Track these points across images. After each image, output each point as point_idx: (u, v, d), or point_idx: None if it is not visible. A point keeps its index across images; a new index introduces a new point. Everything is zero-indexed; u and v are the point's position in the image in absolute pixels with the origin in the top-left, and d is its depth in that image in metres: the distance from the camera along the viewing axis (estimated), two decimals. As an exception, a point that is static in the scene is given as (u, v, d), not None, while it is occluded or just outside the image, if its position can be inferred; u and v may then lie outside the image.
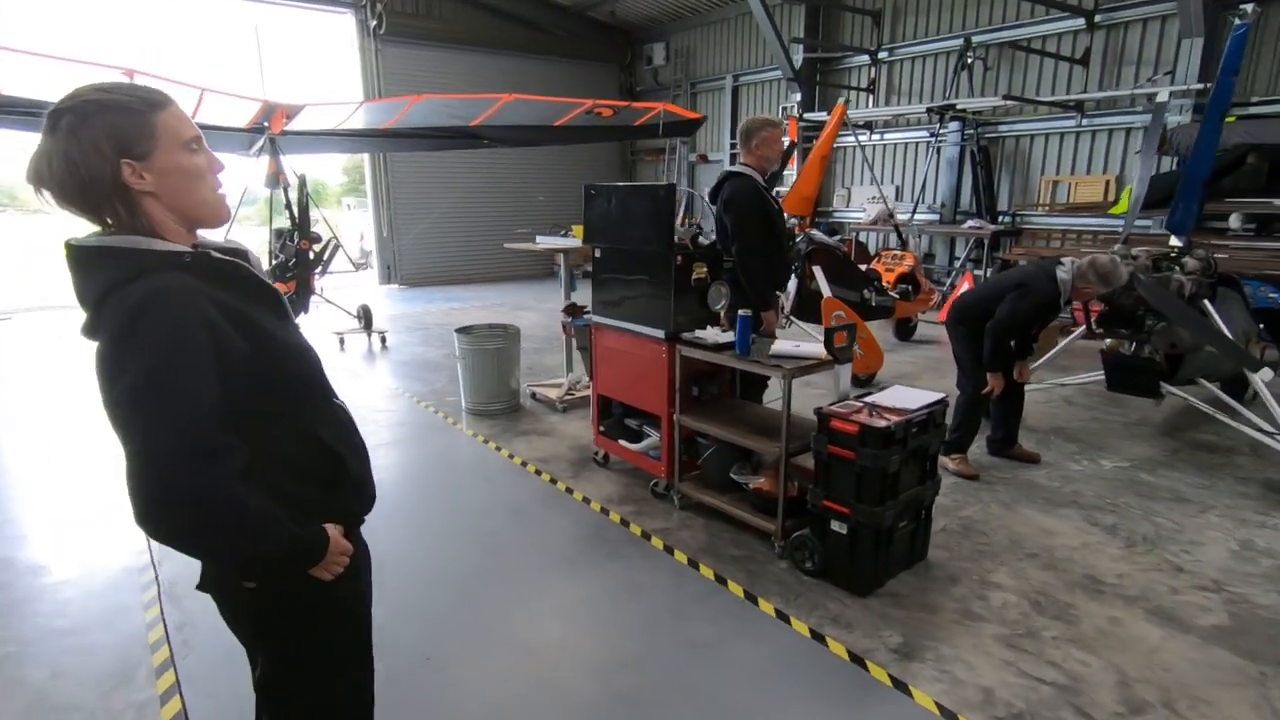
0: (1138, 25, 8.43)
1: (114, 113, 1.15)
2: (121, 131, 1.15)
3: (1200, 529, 3.71)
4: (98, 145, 1.13)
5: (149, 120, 1.18)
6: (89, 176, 1.14)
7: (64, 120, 1.13)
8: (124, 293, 1.13)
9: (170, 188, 1.20)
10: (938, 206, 10.42)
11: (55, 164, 1.13)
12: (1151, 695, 2.49)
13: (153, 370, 1.09)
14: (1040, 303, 4.05)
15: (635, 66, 15.43)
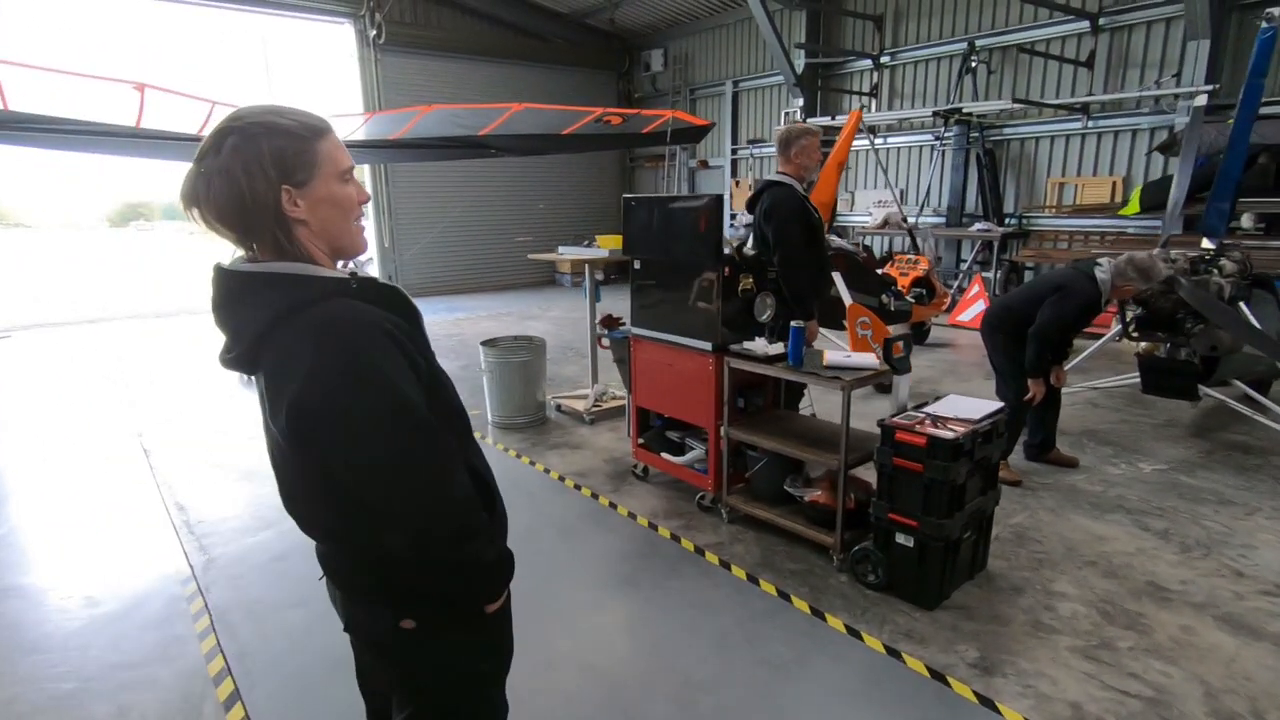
0: (1142, 27, 8.51)
1: (279, 137, 1.13)
2: (285, 156, 1.13)
3: (1251, 532, 3.71)
4: (263, 168, 1.12)
5: (311, 147, 1.16)
6: (252, 200, 1.12)
7: (229, 140, 1.11)
8: (303, 321, 1.11)
9: (321, 217, 1.19)
10: (943, 209, 10.46)
11: (216, 184, 1.11)
12: (1240, 706, 2.47)
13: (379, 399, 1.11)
14: (1083, 304, 4.05)
15: (634, 73, 15.43)
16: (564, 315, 11.00)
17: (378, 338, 1.13)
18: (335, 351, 1.09)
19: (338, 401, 1.09)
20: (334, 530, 1.28)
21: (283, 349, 1.12)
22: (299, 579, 3.40)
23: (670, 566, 3.48)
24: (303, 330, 1.10)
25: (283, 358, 1.12)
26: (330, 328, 1.10)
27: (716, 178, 14.33)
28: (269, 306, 1.12)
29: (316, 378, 1.08)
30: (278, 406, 1.13)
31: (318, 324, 1.11)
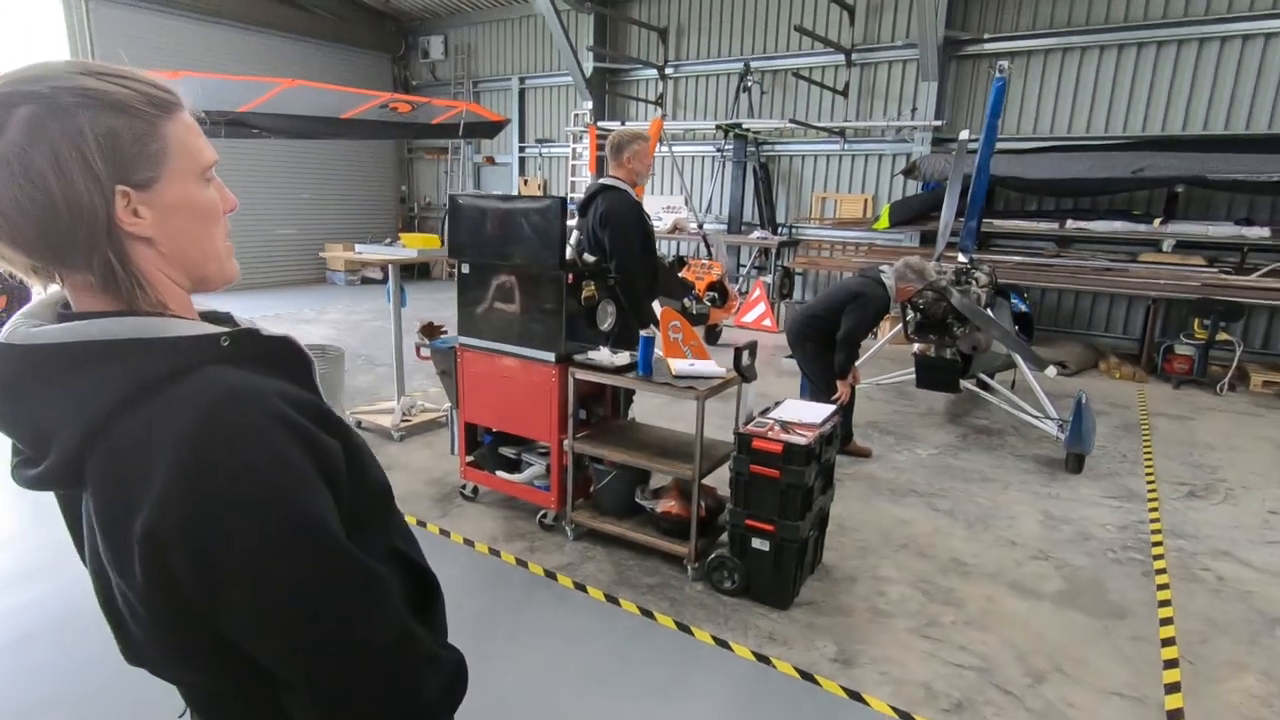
0: (885, 65, 9.77)
1: (109, 113, 0.73)
2: (120, 143, 0.74)
3: (1010, 505, 4.37)
4: (86, 158, 0.72)
5: (158, 130, 0.77)
6: (68, 206, 0.72)
7: (23, 112, 0.70)
8: (155, 409, 0.73)
9: (175, 233, 0.80)
10: (724, 217, 11.17)
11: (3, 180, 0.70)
12: (1044, 663, 2.86)
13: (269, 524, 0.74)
14: (880, 308, 4.52)
15: (411, 59, 14.49)
16: (343, 318, 9.99)
17: (266, 430, 0.75)
18: (203, 461, 0.72)
19: (209, 532, 0.72)
20: (214, 688, 0.90)
21: (121, 453, 0.73)
22: (44, 670, 2.62)
23: (523, 595, 3.24)
24: (154, 425, 0.73)
25: (124, 468, 0.73)
26: (196, 424, 0.73)
27: (503, 175, 13.97)
28: (98, 393, 0.73)
29: (176, 501, 0.71)
30: (118, 539, 0.75)
31: (176, 417, 0.73)
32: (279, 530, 0.74)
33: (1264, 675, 2.82)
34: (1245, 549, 3.87)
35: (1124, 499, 4.48)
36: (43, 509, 3.95)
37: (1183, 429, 5.99)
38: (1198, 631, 3.10)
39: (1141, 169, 7.36)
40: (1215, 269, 7.58)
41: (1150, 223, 7.86)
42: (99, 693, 2.52)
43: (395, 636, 0.85)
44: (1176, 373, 7.44)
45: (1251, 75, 7.70)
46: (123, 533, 0.74)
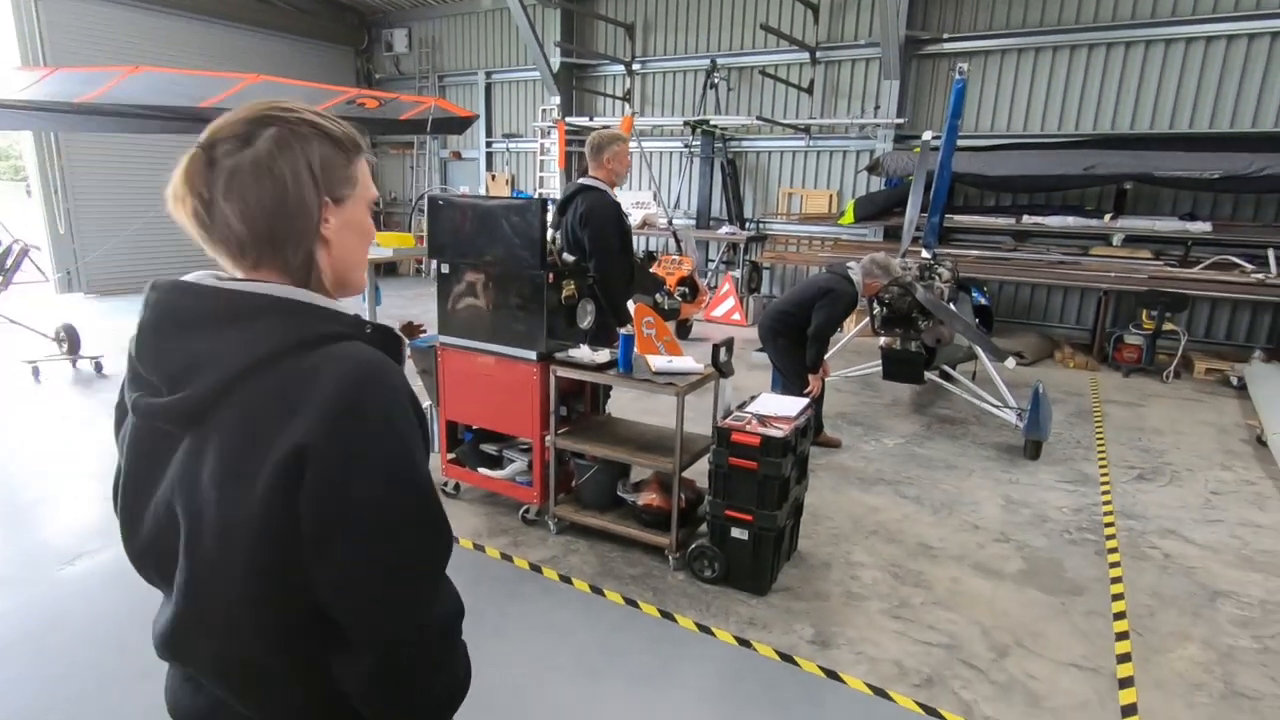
0: (849, 64, 9.97)
1: (327, 143, 0.96)
2: (331, 166, 0.96)
3: (973, 491, 4.57)
4: (312, 173, 0.94)
5: (353, 163, 1.00)
6: (296, 206, 0.93)
7: (271, 131, 0.92)
8: (315, 359, 0.88)
9: (344, 243, 1.01)
10: (693, 213, 11.29)
11: (249, 180, 0.90)
12: (1007, 639, 3.04)
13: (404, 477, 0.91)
14: (849, 303, 4.67)
15: (374, 52, 14.29)
16: (310, 316, 9.84)
17: (403, 397, 0.92)
18: (359, 399, 0.87)
19: (353, 455, 0.85)
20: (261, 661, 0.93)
21: (270, 390, 0.87)
22: (29, 680, 2.62)
23: (509, 590, 3.31)
24: (319, 368, 0.87)
25: (278, 400, 0.86)
26: (356, 372, 0.88)
27: (470, 170, 13.89)
28: (267, 337, 0.88)
29: (332, 421, 0.85)
30: (246, 467, 0.85)
31: (338, 361, 0.88)
32: (404, 478, 0.90)
33: (1206, 644, 3.03)
34: (1189, 528, 4.12)
35: (1078, 483, 4.72)
36: (6, 520, 3.91)
37: (1132, 415, 6.29)
38: (1146, 605, 3.31)
39: (1093, 166, 7.66)
40: (1161, 262, 7.94)
41: (1101, 218, 8.20)
42: (89, 700, 2.53)
43: (454, 613, 0.98)
44: (1126, 361, 7.78)
45: (1194, 77, 8.06)
46: (255, 460, 0.85)
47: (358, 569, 0.88)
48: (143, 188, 11.20)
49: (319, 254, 0.97)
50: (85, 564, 3.42)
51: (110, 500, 1.04)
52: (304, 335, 0.89)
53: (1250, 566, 3.70)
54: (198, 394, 0.87)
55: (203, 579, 0.91)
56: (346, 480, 0.85)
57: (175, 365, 0.89)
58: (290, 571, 0.88)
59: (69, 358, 6.66)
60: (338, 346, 0.90)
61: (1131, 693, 2.71)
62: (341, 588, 0.88)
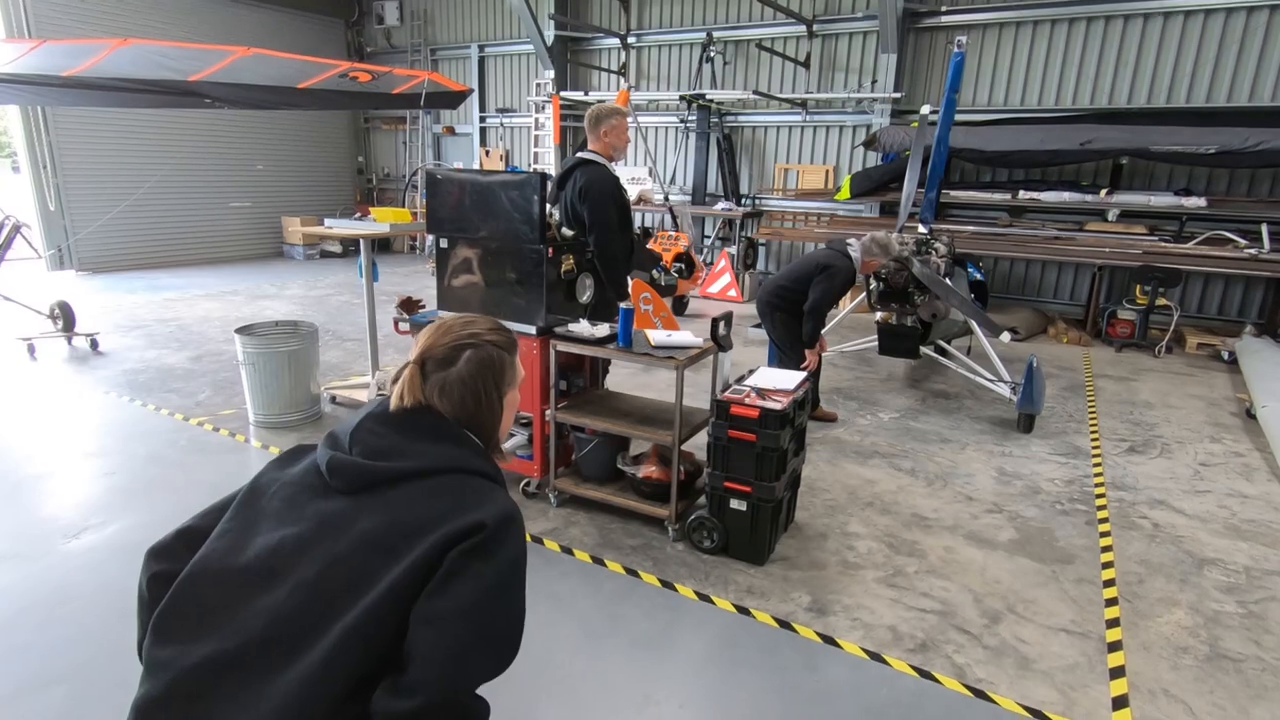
0: (846, 37, 9.89)
1: (505, 351, 1.39)
2: (506, 371, 1.40)
3: (968, 463, 4.64)
4: (497, 383, 1.37)
5: (515, 361, 1.43)
6: (488, 409, 1.36)
7: (467, 354, 1.34)
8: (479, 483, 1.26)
9: (505, 420, 1.45)
10: (689, 188, 11.25)
11: (457, 392, 1.33)
12: (999, 605, 3.11)
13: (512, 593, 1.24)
14: (847, 279, 4.69)
15: (365, 24, 14.08)
16: (304, 293, 9.84)
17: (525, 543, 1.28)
18: (515, 519, 1.23)
19: (511, 542, 1.20)
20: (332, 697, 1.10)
21: (450, 489, 1.22)
22: (35, 650, 2.66)
23: (511, 560, 3.36)
24: (488, 489, 1.26)
25: (454, 492, 1.22)
26: (510, 503, 1.25)
27: (464, 145, 13.77)
28: (452, 455, 1.27)
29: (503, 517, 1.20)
30: (404, 536, 1.16)
31: (498, 491, 1.28)
32: (519, 580, 1.25)
33: (1192, 609, 3.11)
34: (1178, 498, 4.20)
35: (1070, 455, 4.79)
36: (7, 495, 3.93)
37: (1124, 389, 6.36)
38: (1135, 573, 3.39)
39: (1089, 141, 7.65)
40: (1156, 237, 7.97)
41: (1097, 193, 8.21)
42: (96, 670, 2.57)
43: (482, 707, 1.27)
44: (1119, 336, 7.85)
45: (1192, 50, 8.03)
46: (417, 527, 1.15)
47: (459, 614, 1.11)
48: (134, 163, 11.10)
49: None
50: (90, 538, 3.46)
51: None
52: (471, 465, 1.28)
53: (1237, 535, 3.78)
54: (391, 468, 1.22)
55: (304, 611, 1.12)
56: (496, 552, 1.16)
57: (381, 446, 1.25)
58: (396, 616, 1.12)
59: (64, 335, 6.64)
60: (492, 484, 1.29)
61: (1119, 656, 2.78)
62: (435, 626, 1.10)
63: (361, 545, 1.15)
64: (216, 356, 6.52)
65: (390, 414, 1.28)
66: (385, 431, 1.26)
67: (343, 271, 11.61)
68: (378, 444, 1.24)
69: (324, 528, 1.18)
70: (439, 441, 1.27)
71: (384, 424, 1.27)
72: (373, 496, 1.20)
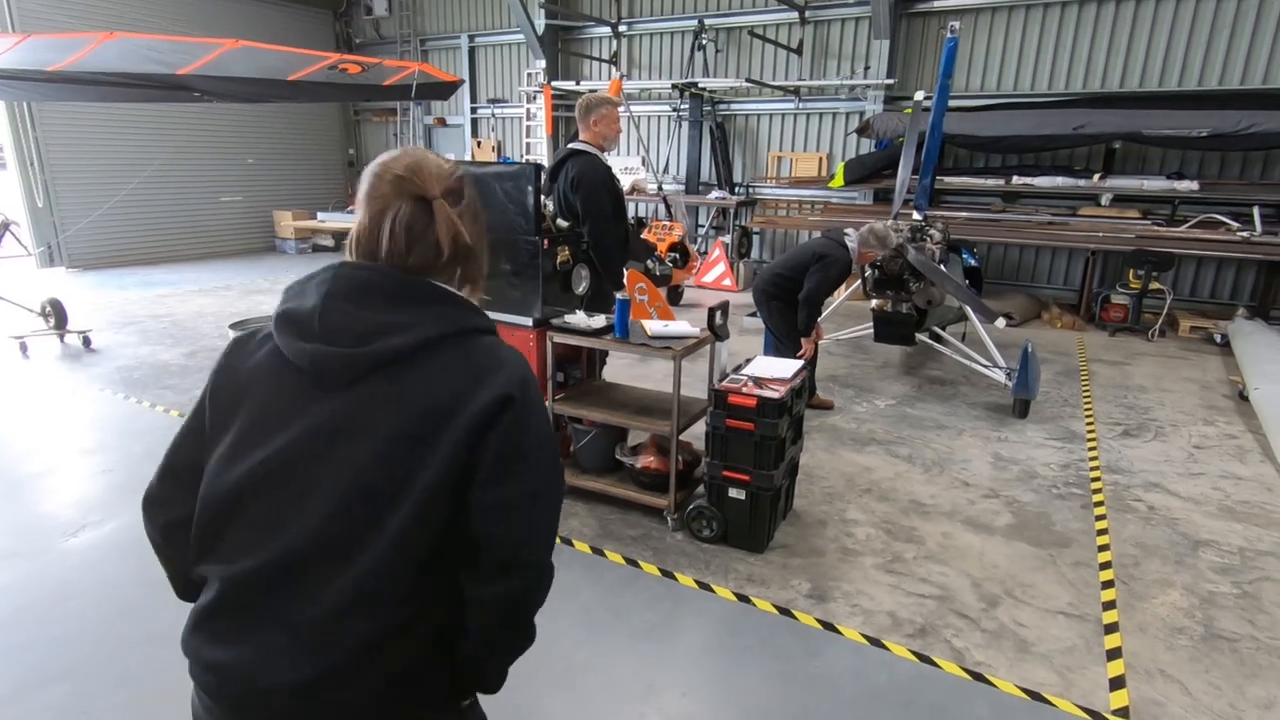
0: (839, 24, 9.84)
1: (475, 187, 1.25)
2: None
3: (964, 449, 4.66)
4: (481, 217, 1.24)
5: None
6: (479, 240, 1.21)
7: (470, 190, 1.21)
8: (485, 343, 1.13)
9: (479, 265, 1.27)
10: (682, 178, 11.21)
11: (469, 222, 1.17)
12: (997, 589, 3.13)
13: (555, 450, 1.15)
14: (843, 269, 4.69)
15: (353, 15, 13.95)
16: (298, 287, 9.76)
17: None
18: (527, 369, 1.13)
19: (532, 404, 1.10)
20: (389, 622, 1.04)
21: (464, 356, 1.09)
22: (40, 646, 2.66)
23: (512, 552, 3.37)
24: (495, 347, 1.13)
25: (466, 362, 1.09)
26: (516, 354, 1.15)
27: (455, 137, 13.69)
28: (443, 319, 1.10)
29: (519, 382, 1.09)
30: (429, 419, 1.04)
31: (505, 348, 1.15)
32: (551, 430, 1.19)
33: (1187, 590, 3.14)
34: (1173, 481, 4.23)
35: (1066, 440, 4.81)
36: (4, 494, 3.92)
37: (1118, 373, 6.39)
38: (1131, 555, 3.42)
39: (1082, 126, 7.65)
40: (1149, 221, 7.99)
41: (1090, 178, 8.22)
42: (98, 666, 2.57)
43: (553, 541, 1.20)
44: (1113, 321, 7.88)
45: (1184, 34, 8.03)
46: (447, 407, 1.04)
47: (526, 496, 1.07)
48: (122, 158, 11.00)
49: None
50: (89, 535, 3.45)
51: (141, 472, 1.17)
52: (464, 324, 1.11)
53: (1231, 517, 3.81)
54: (388, 348, 1.05)
55: (343, 515, 1.03)
56: (536, 422, 1.09)
57: (366, 326, 1.05)
58: (448, 506, 1.05)
59: (56, 332, 6.60)
60: (493, 336, 1.16)
61: (1116, 637, 2.81)
62: (506, 513, 1.06)
63: (386, 441, 1.03)
64: (211, 352, 6.49)
65: (356, 285, 1.08)
66: (358, 309, 1.06)
67: (336, 265, 11.54)
68: (357, 325, 1.05)
69: (327, 430, 1.04)
70: (426, 304, 1.09)
71: (354, 300, 1.07)
72: (373, 385, 1.05)
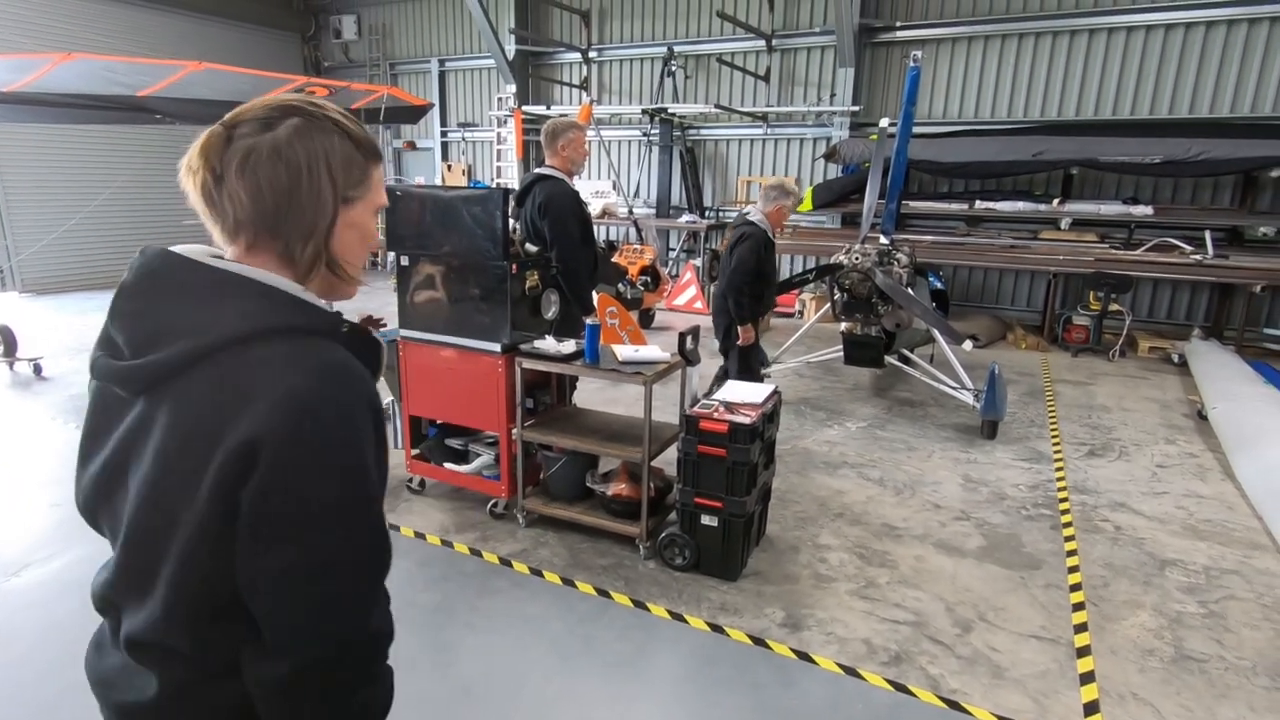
0: (804, 52, 10.04)
1: (349, 142, 0.97)
2: (351, 166, 0.97)
3: (934, 471, 4.68)
4: (330, 170, 0.94)
5: (369, 168, 1.01)
6: (310, 199, 0.93)
7: (293, 120, 0.92)
8: (286, 349, 0.88)
9: (346, 245, 1.01)
10: (653, 201, 11.28)
11: (266, 163, 0.90)
12: (970, 613, 3.12)
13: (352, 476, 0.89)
14: (755, 246, 4.56)
15: (322, 39, 13.90)
16: (263, 312, 9.56)
17: (363, 405, 0.92)
18: (314, 402, 0.86)
19: (300, 455, 0.84)
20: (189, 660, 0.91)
21: (231, 373, 0.86)
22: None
23: (479, 584, 3.28)
24: (283, 358, 0.87)
25: (236, 384, 0.86)
26: (317, 372, 0.88)
27: (426, 160, 13.64)
28: (238, 318, 0.88)
29: (284, 417, 0.83)
30: (197, 447, 0.85)
31: (301, 358, 0.88)
32: (348, 489, 0.88)
33: (1156, 611, 3.16)
34: (1138, 500, 4.29)
35: (1033, 460, 4.86)
36: (-46, 526, 3.72)
37: (1082, 393, 6.50)
38: (1100, 576, 3.44)
39: (1041, 152, 7.87)
40: (1106, 245, 8.21)
41: (1049, 202, 8.43)
42: (47, 712, 2.43)
43: (384, 635, 0.97)
44: (1075, 341, 8.04)
45: (1135, 64, 8.33)
46: (205, 446, 0.84)
47: (294, 573, 0.86)
48: (80, 179, 10.75)
49: (326, 249, 0.98)
50: (34, 574, 3.28)
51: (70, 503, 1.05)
52: (274, 323, 0.89)
53: (1195, 535, 3.87)
54: (158, 363, 0.87)
55: (139, 543, 0.91)
56: (296, 481, 0.84)
57: (142, 331, 0.89)
58: (224, 572, 0.87)
59: (6, 360, 6.36)
60: (308, 341, 0.91)
61: (1089, 661, 2.81)
62: (272, 590, 0.86)
63: (161, 468, 0.88)
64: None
65: (145, 275, 0.91)
66: (145, 305, 0.90)
67: (302, 289, 11.35)
68: (144, 326, 0.89)
69: (126, 447, 0.92)
70: (221, 298, 0.89)
71: (141, 295, 0.90)
72: (161, 395, 0.88)
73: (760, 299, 4.75)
